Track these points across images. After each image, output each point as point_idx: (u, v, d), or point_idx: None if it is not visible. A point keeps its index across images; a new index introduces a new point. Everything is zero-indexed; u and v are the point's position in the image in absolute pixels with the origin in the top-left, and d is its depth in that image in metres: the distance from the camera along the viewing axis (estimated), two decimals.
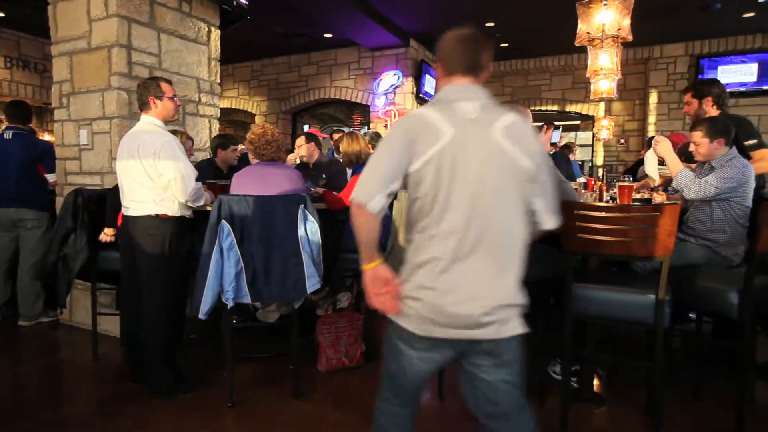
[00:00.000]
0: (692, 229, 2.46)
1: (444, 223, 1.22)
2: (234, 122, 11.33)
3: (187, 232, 2.50)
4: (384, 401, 1.44)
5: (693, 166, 2.76)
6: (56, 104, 3.47)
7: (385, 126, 7.88)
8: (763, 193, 2.55)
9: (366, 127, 8.66)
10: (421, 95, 8.00)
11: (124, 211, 2.44)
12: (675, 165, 2.36)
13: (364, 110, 8.67)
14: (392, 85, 7.85)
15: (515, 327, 1.27)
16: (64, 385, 2.67)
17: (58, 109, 3.46)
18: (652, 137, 2.66)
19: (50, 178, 3.58)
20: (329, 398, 2.42)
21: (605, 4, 2.98)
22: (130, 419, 2.19)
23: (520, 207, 1.26)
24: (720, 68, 7.49)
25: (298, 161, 4.25)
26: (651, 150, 2.62)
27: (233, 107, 9.73)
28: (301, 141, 3.90)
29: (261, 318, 2.90)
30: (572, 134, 9.77)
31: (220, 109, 4.12)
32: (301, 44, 8.20)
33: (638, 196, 2.82)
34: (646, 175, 3.14)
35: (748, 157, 2.66)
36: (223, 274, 2.20)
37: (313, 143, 3.87)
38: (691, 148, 2.48)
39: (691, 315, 2.69)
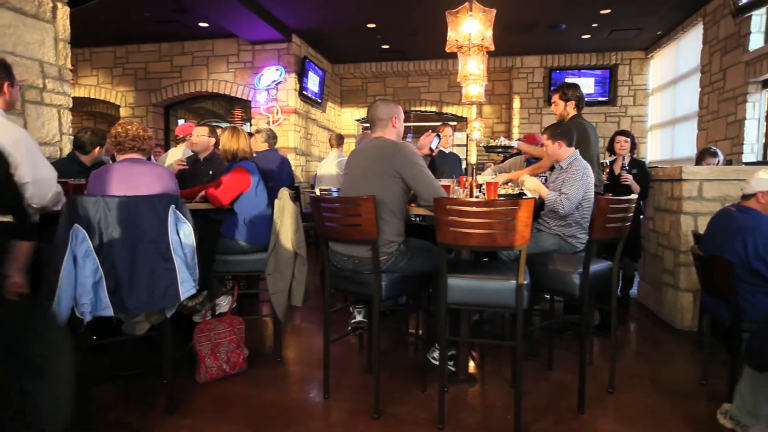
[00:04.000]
0: (546, 221, 2.81)
1: None
2: (94, 114, 10.05)
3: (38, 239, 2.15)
4: None
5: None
6: None
7: (267, 122, 7.63)
8: (597, 188, 3.00)
9: (248, 124, 8.31)
10: (304, 92, 7.89)
11: None
12: (543, 192, 2.78)
13: (245, 106, 8.30)
14: (274, 81, 7.62)
15: None
16: None
17: None
18: (520, 139, 2.99)
19: None
20: (209, 409, 2.28)
21: (471, 15, 3.25)
22: None
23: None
24: (566, 80, 8.64)
25: (189, 153, 4.00)
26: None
27: (92, 97, 8.62)
28: (203, 131, 3.73)
29: (127, 331, 2.62)
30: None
31: (76, 98, 3.62)
32: (173, 32, 7.56)
33: (503, 191, 3.13)
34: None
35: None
36: (78, 285, 1.94)
37: (213, 139, 3.75)
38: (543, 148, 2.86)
39: (546, 296, 3.08)
